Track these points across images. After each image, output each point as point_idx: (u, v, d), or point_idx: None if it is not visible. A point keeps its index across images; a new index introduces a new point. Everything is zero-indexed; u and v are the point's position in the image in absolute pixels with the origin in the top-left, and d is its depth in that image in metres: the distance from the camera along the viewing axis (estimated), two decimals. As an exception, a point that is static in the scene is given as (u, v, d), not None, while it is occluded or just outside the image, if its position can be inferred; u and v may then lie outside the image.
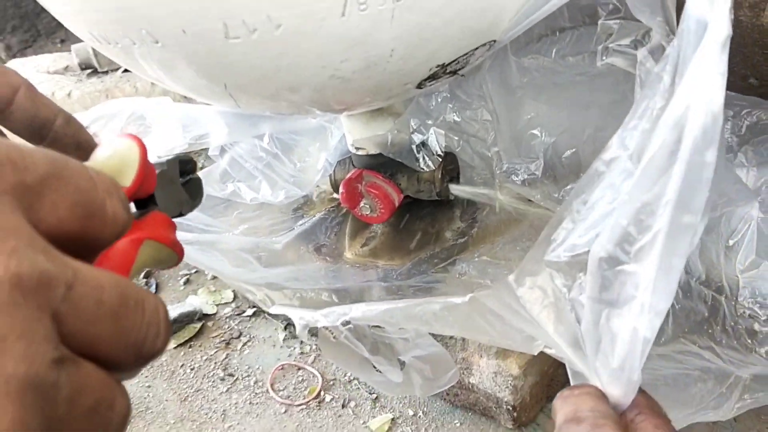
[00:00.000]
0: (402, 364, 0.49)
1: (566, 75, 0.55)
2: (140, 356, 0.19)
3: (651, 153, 0.29)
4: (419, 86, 0.53)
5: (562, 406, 0.30)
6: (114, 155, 0.28)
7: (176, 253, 0.30)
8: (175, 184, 0.33)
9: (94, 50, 1.42)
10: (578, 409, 0.29)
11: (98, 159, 0.28)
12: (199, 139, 0.57)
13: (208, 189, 0.61)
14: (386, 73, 0.48)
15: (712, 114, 0.26)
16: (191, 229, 0.57)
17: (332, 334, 0.50)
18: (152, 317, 0.19)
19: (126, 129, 0.51)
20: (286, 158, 0.67)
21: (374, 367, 0.50)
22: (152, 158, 0.30)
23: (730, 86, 0.29)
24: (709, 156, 0.26)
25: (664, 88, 0.32)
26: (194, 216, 0.57)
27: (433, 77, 0.52)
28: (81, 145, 0.47)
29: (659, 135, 0.29)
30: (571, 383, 0.34)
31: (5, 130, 0.44)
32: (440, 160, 0.66)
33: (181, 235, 0.56)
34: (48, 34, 2.15)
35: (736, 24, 0.54)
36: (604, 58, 0.48)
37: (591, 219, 0.33)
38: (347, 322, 0.46)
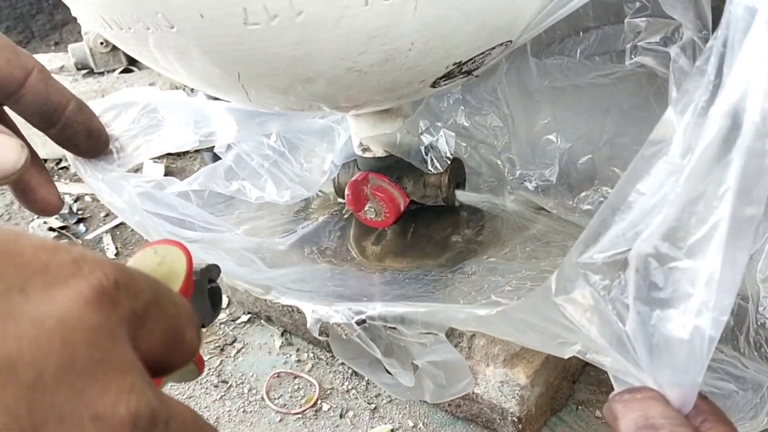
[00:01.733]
0: (415, 368, 0.47)
1: (588, 77, 0.54)
2: None
3: (703, 143, 0.28)
4: (434, 85, 0.52)
5: (626, 411, 0.29)
6: (164, 263, 0.28)
7: (198, 367, 0.30)
8: (204, 294, 0.32)
9: (90, 50, 1.40)
10: (648, 414, 0.28)
11: (148, 263, 0.28)
12: (209, 136, 0.55)
13: (212, 185, 0.60)
14: (403, 68, 0.47)
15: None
16: (194, 227, 0.55)
17: (344, 331, 0.49)
18: None
19: (139, 121, 0.49)
20: (293, 158, 0.65)
21: (386, 369, 0.48)
22: None
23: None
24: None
25: (708, 80, 0.31)
26: (197, 213, 0.56)
27: (448, 76, 0.51)
28: (92, 133, 0.45)
29: (711, 125, 0.27)
30: (615, 389, 0.33)
31: (15, 116, 0.42)
32: (449, 163, 0.64)
33: (185, 234, 0.54)
34: (42, 36, 2.13)
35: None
36: (632, 56, 0.48)
37: (630, 218, 0.32)
38: (362, 321, 0.44)
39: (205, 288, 0.32)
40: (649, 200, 0.33)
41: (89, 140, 0.44)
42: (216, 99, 0.58)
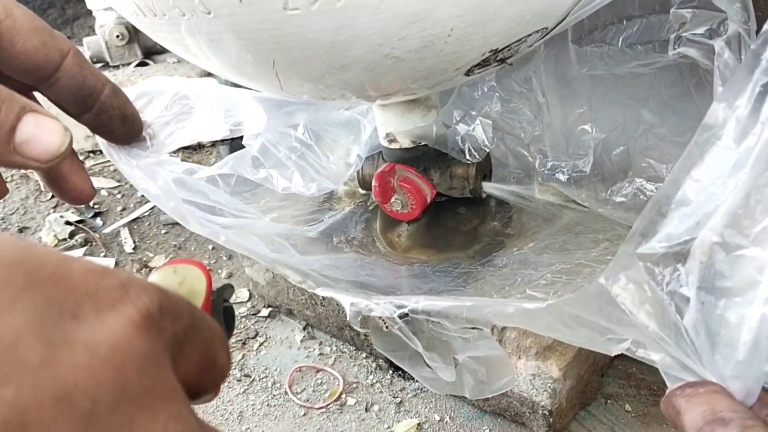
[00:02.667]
0: (455, 363, 0.47)
1: (629, 66, 0.53)
2: None
3: (768, 131, 0.27)
4: (468, 73, 0.51)
5: (690, 405, 0.28)
6: (184, 283, 0.28)
7: (216, 391, 0.30)
8: (219, 314, 0.32)
9: (106, 43, 1.40)
10: (715, 408, 0.27)
11: (169, 283, 0.28)
12: (238, 125, 0.54)
13: (240, 171, 0.59)
14: (441, 55, 0.46)
15: None
16: (224, 215, 0.54)
17: (384, 324, 0.48)
18: None
19: (171, 108, 0.48)
20: (319, 150, 0.65)
21: (426, 363, 0.47)
22: None
23: None
24: None
25: (767, 64, 0.30)
26: (227, 200, 0.55)
27: (483, 64, 0.50)
28: (127, 119, 0.44)
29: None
30: (668, 385, 0.32)
31: (47, 102, 0.42)
32: (487, 152, 0.63)
33: (218, 220, 0.54)
34: (53, 31, 2.13)
35: None
36: (676, 47, 0.46)
37: (688, 205, 0.31)
38: (405, 315, 0.43)
39: (220, 308, 0.32)
40: (706, 187, 0.32)
41: (124, 126, 0.43)
42: (241, 87, 0.57)
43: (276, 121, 0.59)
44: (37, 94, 0.41)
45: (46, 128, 0.31)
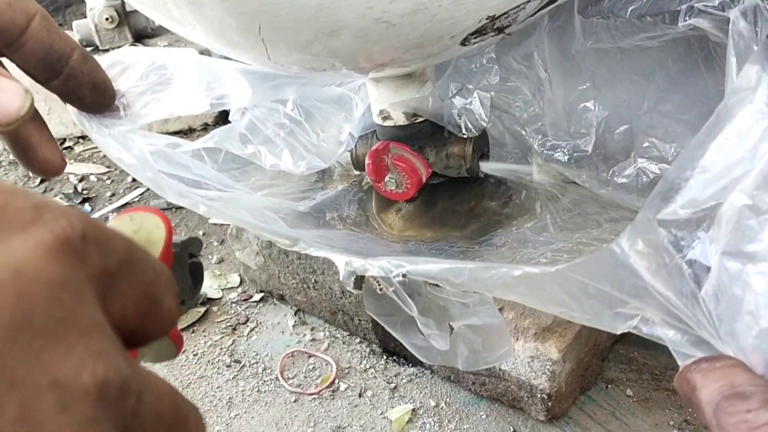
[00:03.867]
0: (450, 331, 0.45)
1: (636, 38, 0.51)
2: None
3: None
4: (464, 42, 0.49)
5: (706, 381, 0.26)
6: (140, 231, 0.26)
7: (177, 346, 0.27)
8: (184, 268, 0.30)
9: (95, 27, 1.37)
10: (734, 383, 0.25)
11: (123, 230, 0.26)
12: (221, 99, 0.52)
13: (227, 145, 0.57)
14: (435, 20, 0.43)
15: None
16: (209, 188, 0.52)
17: (379, 286, 0.45)
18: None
19: (147, 77, 0.46)
20: (309, 127, 0.62)
21: (419, 329, 0.45)
22: None
23: None
24: None
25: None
26: (213, 175, 0.53)
27: (480, 32, 0.48)
28: (98, 86, 0.42)
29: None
30: (679, 363, 0.30)
31: (13, 67, 0.39)
32: (484, 127, 0.61)
33: (202, 193, 0.51)
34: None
35: None
36: (687, 18, 0.44)
37: (715, 169, 0.29)
38: (404, 275, 0.41)
39: (185, 262, 0.30)
40: (734, 152, 0.30)
41: (94, 93, 0.41)
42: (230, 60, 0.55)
43: (262, 96, 0.57)
44: (6, 61, 0.39)
45: (4, 89, 0.29)
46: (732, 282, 0.26)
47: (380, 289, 0.45)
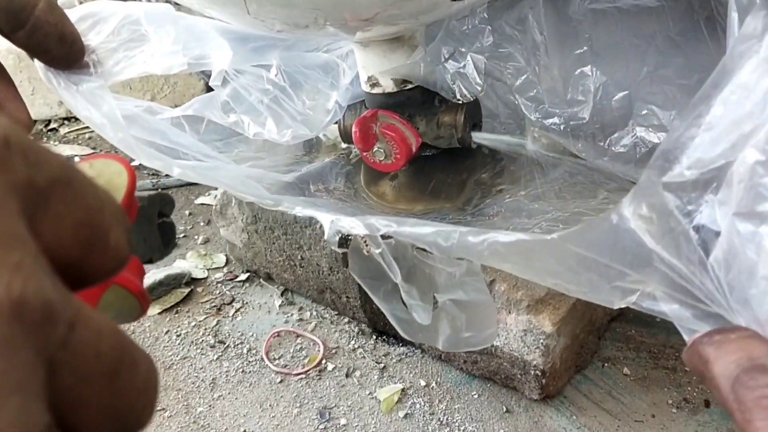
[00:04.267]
0: (435, 304, 0.42)
1: (635, -2, 0.48)
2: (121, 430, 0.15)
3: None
4: (456, -2, 0.46)
5: (721, 353, 0.24)
6: (100, 177, 0.24)
7: (142, 306, 0.25)
8: (152, 225, 0.28)
9: None
10: (753, 354, 0.23)
11: None
12: (199, 59, 0.49)
13: (207, 114, 0.54)
14: (424, -31, 0.41)
15: None
16: (188, 158, 0.49)
17: (366, 246, 0.43)
18: (146, 383, 0.15)
19: (119, 33, 0.43)
20: (294, 94, 0.59)
21: (402, 300, 0.42)
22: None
23: None
24: None
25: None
26: (192, 144, 0.50)
27: (472, -14, 0.45)
28: (65, 38, 0.39)
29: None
30: (686, 338, 0.28)
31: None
32: (479, 92, 0.58)
33: (181, 163, 0.48)
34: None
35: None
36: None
37: (722, 125, 0.26)
38: (389, 237, 0.38)
39: (154, 218, 0.28)
40: (742, 106, 0.28)
41: (62, 46, 0.38)
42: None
43: (243, 58, 0.54)
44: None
45: None
46: (745, 245, 0.24)
47: (367, 251, 0.43)
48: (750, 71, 0.29)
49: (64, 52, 0.40)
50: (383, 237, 0.39)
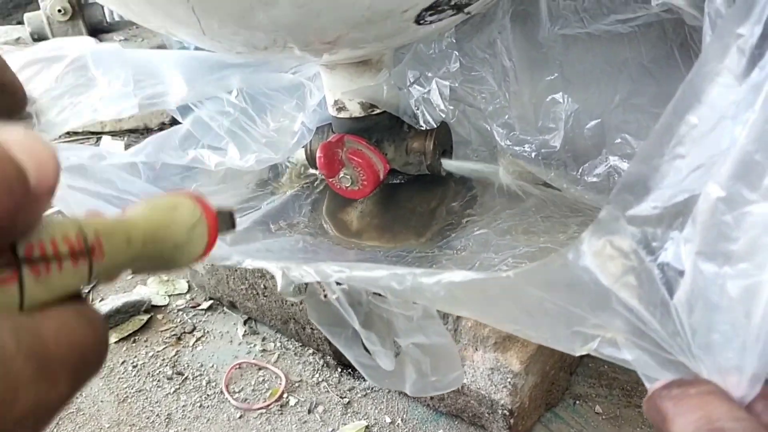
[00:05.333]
0: (398, 349, 0.39)
1: (606, 21, 0.47)
2: None
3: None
4: (419, 21, 0.44)
5: (680, 410, 0.22)
6: (184, 247, 0.23)
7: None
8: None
9: (48, 19, 1.30)
10: (712, 415, 0.21)
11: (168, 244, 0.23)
12: (152, 99, 0.46)
13: (162, 156, 0.52)
14: (384, -10, 0.39)
15: None
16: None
17: (323, 291, 0.40)
18: None
19: (63, 79, 0.40)
20: (257, 117, 0.57)
21: (364, 346, 0.40)
22: None
23: None
24: None
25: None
26: (142, 189, 0.47)
27: (435, 8, 0.43)
28: (5, 87, 0.36)
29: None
30: (647, 386, 0.26)
31: None
32: (441, 118, 0.56)
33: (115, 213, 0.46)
34: (4, 15, 2.03)
35: None
36: (661, -3, 0.40)
37: (685, 158, 0.25)
38: (341, 282, 0.36)
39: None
40: (705, 134, 0.26)
41: (1, 96, 0.36)
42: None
43: (205, 88, 0.52)
44: None
45: None
46: (708, 287, 0.22)
47: (324, 296, 0.40)
48: (712, 98, 0.27)
49: (3, 102, 0.37)
50: (337, 283, 0.37)
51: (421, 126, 0.56)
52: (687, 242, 0.24)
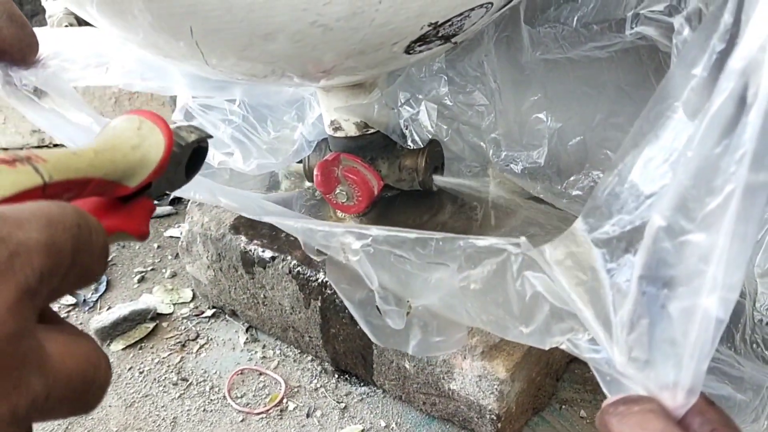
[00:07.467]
0: (408, 309, 0.43)
1: (584, 48, 0.50)
2: None
3: (717, 102, 0.24)
4: (408, 51, 0.47)
5: (621, 427, 0.24)
6: (139, 148, 0.26)
7: (141, 239, 0.28)
8: (181, 165, 0.29)
9: (52, 32, 1.34)
10: None
11: (124, 138, 0.27)
12: (158, 82, 0.50)
13: None
14: (374, 25, 0.42)
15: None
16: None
17: (345, 255, 0.44)
18: None
19: (88, 63, 0.44)
20: (258, 125, 0.60)
21: (377, 307, 0.43)
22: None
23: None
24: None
25: (725, 28, 0.27)
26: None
27: (423, 40, 0.47)
28: (14, 18, 0.39)
29: (725, 81, 0.23)
30: (607, 392, 0.28)
31: None
32: (429, 139, 0.59)
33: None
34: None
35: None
36: (633, 26, 0.43)
37: (641, 187, 0.28)
38: (367, 244, 0.39)
39: (184, 160, 0.29)
40: (659, 165, 0.29)
41: (12, 25, 0.39)
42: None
43: (205, 89, 0.55)
44: None
45: None
46: (650, 308, 0.25)
47: (345, 258, 0.43)
48: (666, 132, 0.30)
49: (14, 32, 0.40)
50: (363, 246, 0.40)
51: (409, 145, 0.59)
52: (635, 265, 0.27)
